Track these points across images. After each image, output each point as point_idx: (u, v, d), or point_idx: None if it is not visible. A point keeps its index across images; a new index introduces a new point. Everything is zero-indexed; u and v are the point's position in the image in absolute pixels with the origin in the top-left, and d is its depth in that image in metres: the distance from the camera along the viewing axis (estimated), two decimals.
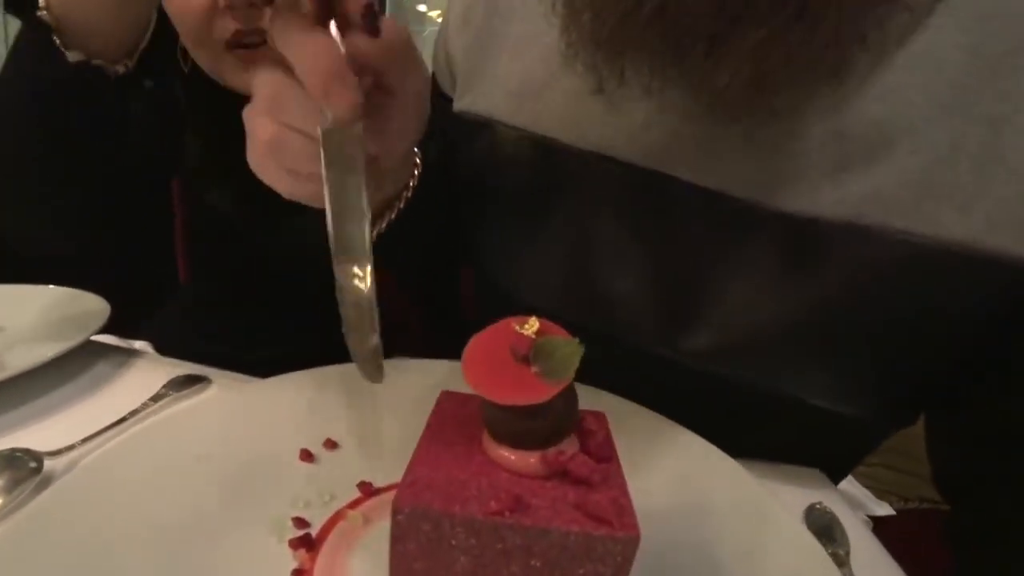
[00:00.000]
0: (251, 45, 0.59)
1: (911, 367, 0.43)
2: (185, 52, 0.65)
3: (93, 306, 0.58)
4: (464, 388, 0.29)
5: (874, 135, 0.39)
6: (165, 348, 0.70)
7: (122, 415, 0.45)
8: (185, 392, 0.49)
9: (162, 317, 0.79)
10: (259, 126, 0.33)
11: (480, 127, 0.55)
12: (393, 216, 0.46)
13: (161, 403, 0.47)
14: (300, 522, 0.35)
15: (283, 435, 0.42)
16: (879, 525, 0.59)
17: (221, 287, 0.79)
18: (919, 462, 0.96)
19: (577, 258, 0.51)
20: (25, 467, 0.38)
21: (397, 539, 0.21)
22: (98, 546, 0.32)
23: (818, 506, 0.41)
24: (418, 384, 0.50)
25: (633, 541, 0.21)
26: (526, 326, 0.25)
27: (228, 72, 0.62)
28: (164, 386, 0.49)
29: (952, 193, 0.38)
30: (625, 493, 0.23)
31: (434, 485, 0.22)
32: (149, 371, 0.53)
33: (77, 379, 0.51)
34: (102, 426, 0.43)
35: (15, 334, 0.55)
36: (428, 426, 0.26)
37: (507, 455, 0.23)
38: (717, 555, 0.35)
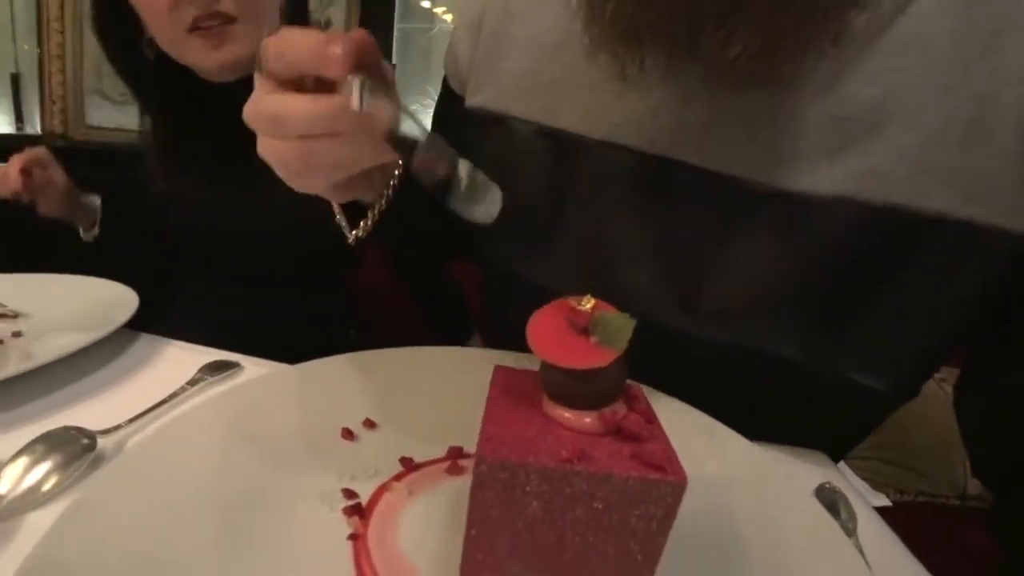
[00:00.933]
0: (210, 27, 0.68)
1: (911, 334, 0.45)
2: (151, 41, 0.72)
3: (122, 295, 0.60)
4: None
5: (870, 116, 0.42)
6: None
7: (160, 398, 0.47)
8: (219, 376, 0.51)
9: (176, 313, 0.81)
10: (275, 151, 0.35)
11: (494, 122, 0.57)
12: (383, 206, 0.48)
13: (198, 387, 0.49)
14: (349, 493, 0.37)
15: (323, 415, 0.44)
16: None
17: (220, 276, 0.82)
18: (916, 456, 1.00)
19: (589, 244, 0.53)
20: (78, 444, 0.40)
21: (477, 488, 0.24)
22: (156, 522, 0.33)
23: (827, 485, 0.43)
24: (449, 369, 0.53)
25: (681, 485, 0.23)
26: (583, 303, 0.27)
27: (191, 53, 0.70)
28: (199, 371, 0.51)
29: (938, 168, 0.41)
30: (671, 446, 0.25)
31: (508, 441, 0.24)
32: (180, 357, 0.54)
33: (110, 366, 0.52)
34: (144, 407, 0.45)
35: (48, 323, 0.56)
36: (490, 395, 0.29)
37: (568, 415, 0.26)
38: (733, 526, 0.38)
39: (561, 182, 0.54)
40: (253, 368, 0.54)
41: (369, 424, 0.44)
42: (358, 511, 0.36)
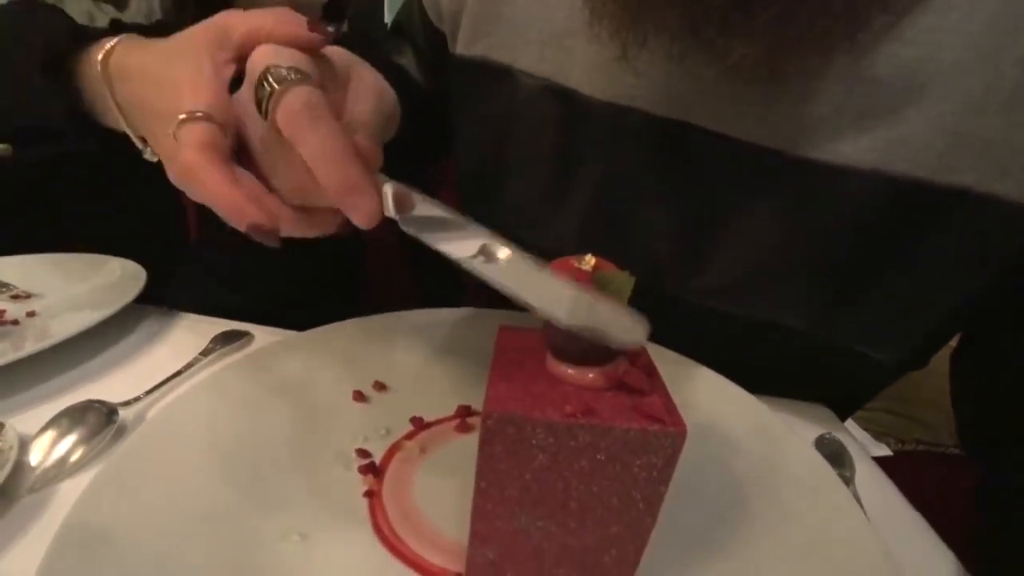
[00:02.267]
0: None
1: (924, 310, 0.45)
2: None
3: (130, 271, 0.61)
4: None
5: (905, 80, 0.39)
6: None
7: (176, 370, 0.48)
8: (232, 346, 0.52)
9: (181, 280, 0.81)
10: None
11: (500, 75, 0.54)
12: None
13: (211, 357, 0.50)
14: (363, 453, 0.39)
15: (334, 379, 0.45)
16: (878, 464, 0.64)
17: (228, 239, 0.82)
18: (918, 407, 1.01)
19: (598, 206, 0.52)
20: (101, 416, 0.41)
21: (486, 441, 0.25)
22: (179, 486, 0.35)
23: (827, 436, 0.44)
24: (455, 329, 0.54)
25: (681, 435, 0.24)
26: (583, 262, 0.28)
27: None
28: (211, 341, 0.52)
29: (973, 139, 0.38)
30: (671, 399, 0.26)
31: (514, 396, 0.25)
32: (191, 329, 0.55)
33: (124, 340, 0.53)
34: (160, 379, 0.47)
35: (60, 301, 0.57)
36: (496, 354, 0.29)
37: (572, 372, 0.27)
38: (732, 474, 0.39)
39: (570, 143, 0.52)
40: (264, 336, 0.55)
41: (379, 386, 0.46)
42: (372, 469, 0.38)
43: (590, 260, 0.28)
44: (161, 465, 0.36)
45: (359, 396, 0.44)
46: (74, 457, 0.39)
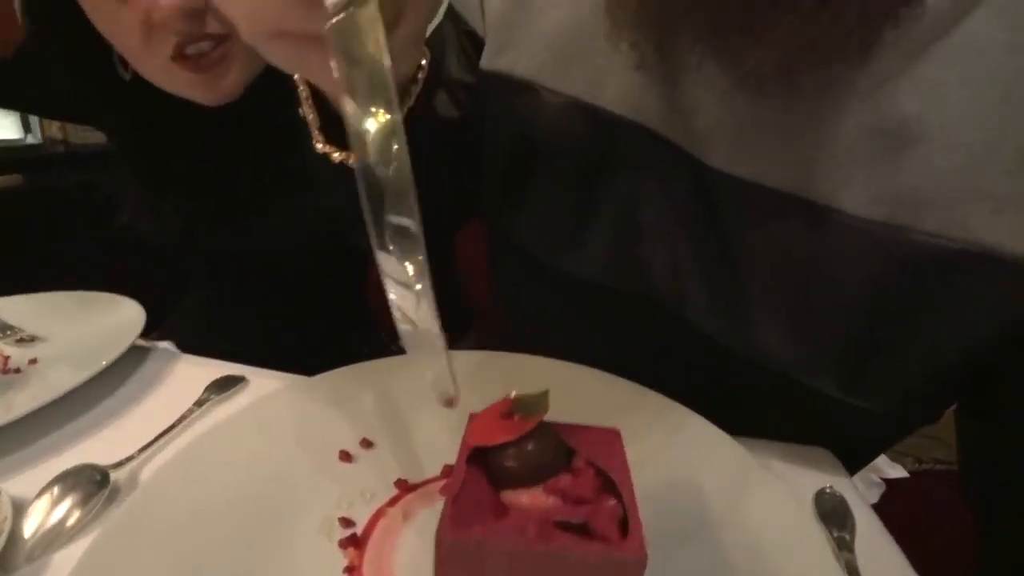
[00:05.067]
0: (199, 54, 0.55)
1: (930, 366, 0.43)
2: (124, 59, 0.61)
3: (127, 311, 0.62)
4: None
5: (908, 131, 0.38)
6: (187, 346, 0.74)
7: (170, 422, 0.49)
8: (225, 395, 0.53)
9: (180, 315, 0.82)
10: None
11: (521, 90, 0.53)
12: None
13: (205, 407, 0.51)
14: (346, 522, 0.39)
15: (321, 437, 0.46)
16: (893, 487, 0.62)
17: (220, 285, 0.81)
18: (936, 425, 0.99)
19: (619, 230, 0.51)
20: (94, 481, 0.42)
21: (442, 563, 0.25)
22: (166, 562, 0.36)
23: (828, 490, 0.43)
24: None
25: (641, 562, 0.24)
26: (508, 396, 0.30)
27: (182, 86, 0.58)
28: (206, 390, 0.53)
29: (985, 196, 0.37)
30: (634, 511, 0.26)
31: (470, 516, 0.25)
32: (187, 374, 0.56)
33: (119, 389, 0.54)
34: (153, 434, 0.47)
35: (61, 347, 0.58)
36: (459, 457, 0.29)
37: (519, 496, 0.27)
38: (720, 540, 0.39)
39: (596, 163, 0.51)
40: (259, 381, 0.55)
41: (366, 444, 0.46)
42: (354, 542, 0.38)
43: (511, 394, 0.30)
44: (148, 539, 0.37)
45: (345, 456, 0.44)
46: (69, 524, 0.40)
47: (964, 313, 0.40)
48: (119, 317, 0.61)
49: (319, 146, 0.42)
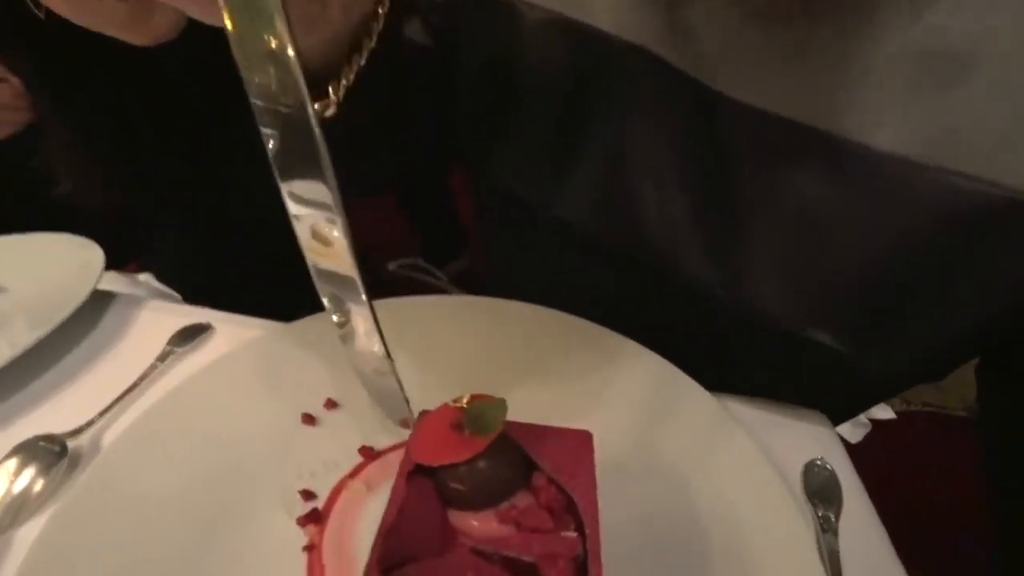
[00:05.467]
0: None
1: (956, 327, 0.40)
2: None
3: (87, 254, 0.58)
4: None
5: (954, 63, 0.33)
6: (167, 277, 0.71)
7: (131, 380, 0.47)
8: (189, 346, 0.51)
9: (160, 243, 0.79)
10: None
11: (498, 7, 0.47)
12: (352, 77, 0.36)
13: (168, 361, 0.49)
14: (307, 494, 0.38)
15: (285, 398, 0.44)
16: (879, 427, 0.61)
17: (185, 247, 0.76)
18: None
19: (612, 166, 0.46)
20: (51, 453, 0.41)
21: None
22: (123, 540, 0.35)
23: (818, 462, 0.41)
24: (413, 327, 0.51)
25: None
26: (459, 400, 0.27)
27: (108, 24, 0.49)
28: (168, 342, 0.51)
29: None
30: (595, 549, 0.24)
31: (406, 551, 0.23)
32: (150, 323, 0.54)
33: (80, 343, 0.52)
34: (115, 393, 0.46)
35: (18, 297, 0.56)
36: (400, 472, 0.27)
37: (468, 521, 0.25)
38: (698, 517, 0.37)
39: (583, 89, 0.45)
40: (225, 329, 0.53)
41: (331, 404, 0.44)
42: (314, 518, 0.37)
43: (464, 398, 0.27)
44: (105, 515, 0.36)
45: (308, 419, 0.43)
46: (30, 498, 0.39)
47: (1005, 270, 0.36)
48: (75, 260, 0.58)
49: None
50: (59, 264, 0.58)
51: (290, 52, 0.21)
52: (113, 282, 0.68)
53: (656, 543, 0.36)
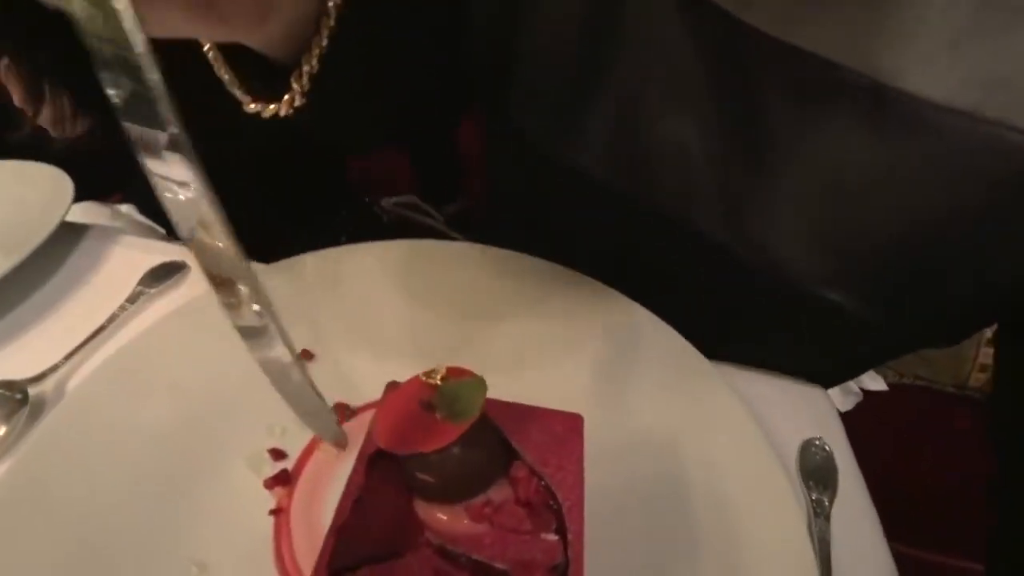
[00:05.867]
0: None
1: (993, 292, 0.36)
2: None
3: (56, 184, 0.54)
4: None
5: (1009, 4, 0.29)
6: (150, 209, 0.68)
7: (99, 322, 0.44)
8: (161, 287, 0.48)
9: (142, 172, 0.74)
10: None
11: None
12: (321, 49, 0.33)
13: (138, 303, 0.46)
14: (277, 454, 0.36)
15: None
16: (870, 398, 0.58)
17: None
18: None
19: (629, 108, 0.42)
20: (11, 401, 0.39)
21: None
22: (85, 497, 0.34)
23: (816, 442, 0.39)
24: (399, 273, 0.48)
25: None
26: (433, 375, 0.22)
27: None
28: (140, 282, 0.48)
29: None
30: (577, 556, 0.21)
31: (361, 550, 0.21)
32: (122, 261, 0.51)
33: (48, 279, 0.49)
34: (82, 336, 0.43)
35: None
36: (360, 455, 0.24)
37: (435, 514, 0.22)
38: (688, 494, 0.35)
39: (602, 25, 0.41)
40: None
41: (306, 355, 0.41)
42: (283, 479, 0.35)
43: (440, 371, 0.23)
44: (64, 469, 0.35)
45: None
46: None
47: None
48: (43, 191, 0.54)
49: (249, 107, 0.35)
50: (24, 194, 0.54)
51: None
52: (91, 214, 0.64)
53: (643, 516, 0.33)
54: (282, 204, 0.73)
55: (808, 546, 0.31)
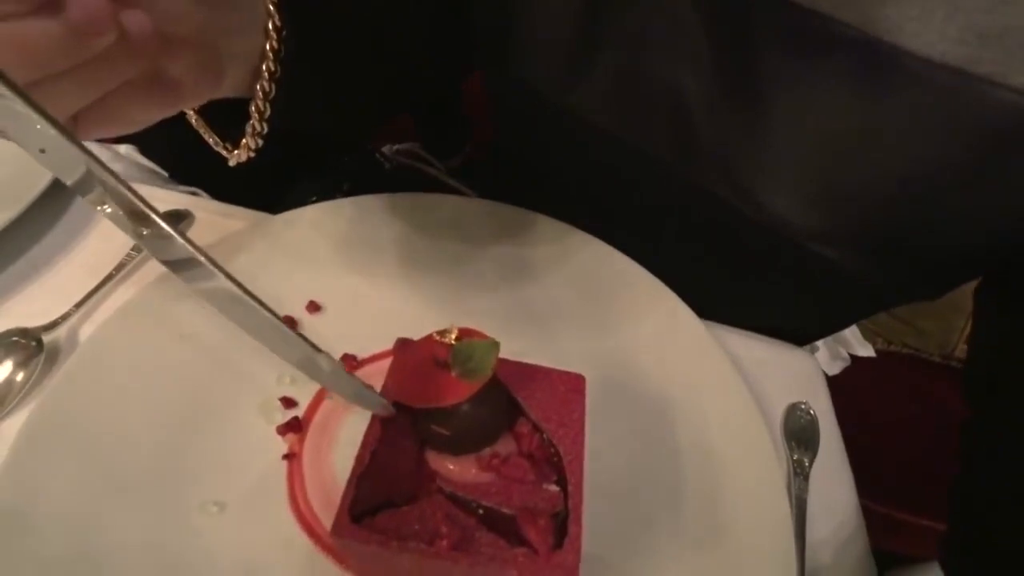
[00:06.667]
0: None
1: (981, 245, 0.38)
2: None
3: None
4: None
5: None
6: (151, 150, 0.67)
7: (106, 271, 0.45)
8: None
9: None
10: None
11: None
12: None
13: (145, 252, 0.47)
14: (288, 402, 0.38)
15: (265, 298, 0.42)
16: (857, 364, 0.60)
17: None
18: (916, 313, 0.94)
19: (630, 57, 0.43)
20: (27, 348, 0.40)
21: (345, 548, 0.23)
22: (101, 448, 0.35)
23: (802, 406, 0.40)
24: (410, 225, 0.48)
25: (571, 570, 0.21)
26: (446, 334, 0.24)
27: None
28: None
29: None
30: (577, 505, 0.23)
31: (378, 496, 0.22)
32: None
33: (53, 227, 0.49)
34: (90, 284, 0.44)
35: None
36: (371, 424, 0.25)
37: (446, 464, 0.23)
38: (677, 452, 0.37)
39: None
40: (206, 218, 0.50)
41: (313, 307, 0.42)
42: (294, 427, 0.36)
43: (453, 331, 0.24)
44: (81, 422, 0.36)
45: (289, 322, 0.41)
46: (9, 392, 0.39)
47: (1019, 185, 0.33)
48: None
49: (231, 162, 0.35)
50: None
51: None
52: None
53: (631, 470, 0.35)
54: (284, 148, 0.73)
55: (786, 503, 0.34)
